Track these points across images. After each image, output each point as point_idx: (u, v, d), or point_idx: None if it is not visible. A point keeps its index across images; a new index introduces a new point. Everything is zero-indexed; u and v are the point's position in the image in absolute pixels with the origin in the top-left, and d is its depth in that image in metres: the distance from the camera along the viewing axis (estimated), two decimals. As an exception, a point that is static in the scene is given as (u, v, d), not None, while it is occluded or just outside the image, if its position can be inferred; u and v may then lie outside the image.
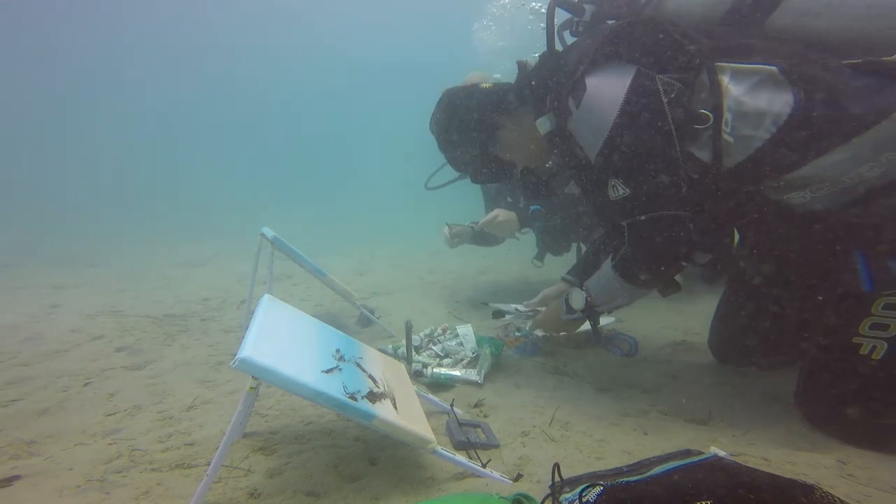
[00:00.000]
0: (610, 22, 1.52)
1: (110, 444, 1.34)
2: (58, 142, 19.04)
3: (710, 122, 1.28)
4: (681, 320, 2.51)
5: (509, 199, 3.32)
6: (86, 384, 1.79)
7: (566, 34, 1.69)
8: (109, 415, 1.53)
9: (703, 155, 1.33)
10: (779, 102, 1.23)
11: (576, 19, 1.62)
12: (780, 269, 1.58)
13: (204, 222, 8.86)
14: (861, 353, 1.28)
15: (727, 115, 1.27)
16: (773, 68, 1.24)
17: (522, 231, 2.90)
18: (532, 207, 2.87)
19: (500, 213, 2.75)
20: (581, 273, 2.12)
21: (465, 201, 3.50)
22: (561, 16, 1.62)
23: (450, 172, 3.39)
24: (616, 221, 1.48)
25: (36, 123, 19.56)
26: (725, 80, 1.29)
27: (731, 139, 1.29)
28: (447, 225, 3.07)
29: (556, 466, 1.00)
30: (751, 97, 1.26)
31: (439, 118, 1.80)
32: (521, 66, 1.70)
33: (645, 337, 2.22)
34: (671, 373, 1.86)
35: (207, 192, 14.22)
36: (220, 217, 9.45)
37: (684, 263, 1.49)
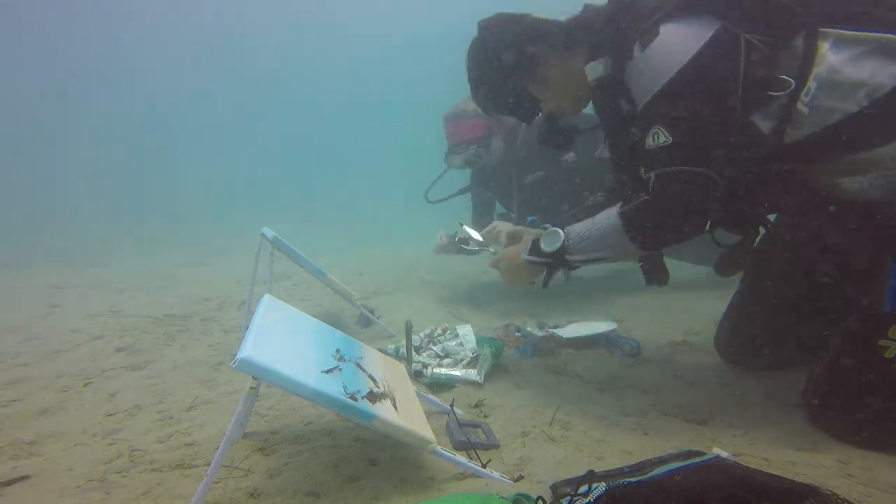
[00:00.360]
0: None
1: (110, 444, 1.34)
2: (58, 141, 19.03)
3: (790, 90, 1.19)
4: (681, 320, 2.50)
5: (501, 211, 3.32)
6: (86, 384, 1.79)
7: None
8: (109, 415, 1.53)
9: (765, 125, 1.25)
10: (884, 74, 1.14)
11: None
12: (811, 263, 1.50)
13: (204, 222, 8.86)
14: (886, 356, 1.24)
15: (811, 84, 1.18)
16: (893, 36, 1.14)
17: None
18: (529, 218, 2.87)
19: (498, 225, 2.72)
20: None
21: (463, 207, 3.48)
22: None
23: (451, 186, 3.39)
24: (643, 172, 1.37)
25: (35, 122, 19.56)
26: (825, 46, 1.19)
27: (805, 110, 1.20)
28: (442, 232, 3.04)
29: (591, 473, 0.91)
30: (851, 66, 1.16)
31: (476, 45, 1.67)
32: (588, 7, 1.57)
33: (645, 337, 2.22)
34: (671, 373, 1.86)
35: (208, 191, 14.22)
36: (220, 217, 9.45)
37: (695, 232, 1.37)
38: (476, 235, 2.38)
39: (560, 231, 1.56)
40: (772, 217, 1.63)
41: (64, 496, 1.09)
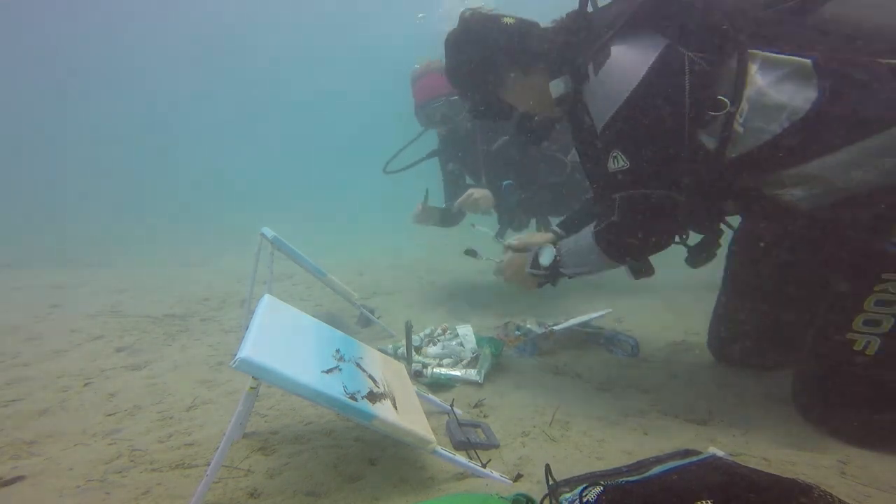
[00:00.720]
0: None
1: (110, 444, 1.34)
2: (58, 141, 19.03)
3: (726, 110, 1.26)
4: (681, 320, 2.51)
5: (470, 182, 3.21)
6: (86, 384, 1.79)
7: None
8: (109, 415, 1.53)
9: (710, 143, 1.31)
10: (800, 97, 1.20)
11: None
12: (783, 257, 1.57)
13: (204, 222, 8.86)
14: (855, 349, 1.28)
15: (744, 106, 1.25)
16: (807, 61, 1.20)
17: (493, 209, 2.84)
18: (505, 182, 2.79)
19: (475, 191, 2.69)
20: (569, 228, 2.11)
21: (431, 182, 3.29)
22: None
23: (410, 156, 3.29)
24: (608, 193, 1.47)
25: (36, 122, 19.56)
26: (754, 68, 1.26)
27: (741, 129, 1.27)
28: (421, 203, 2.97)
29: (548, 468, 1.01)
30: (774, 89, 1.23)
31: (454, 41, 1.74)
32: (568, 16, 1.61)
33: (645, 337, 2.22)
34: (671, 373, 1.86)
35: (208, 191, 14.22)
36: (220, 217, 9.45)
37: (664, 245, 1.50)
38: (479, 251, 2.41)
39: (552, 248, 1.76)
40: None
41: (64, 496, 1.09)
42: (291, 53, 20.62)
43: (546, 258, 1.76)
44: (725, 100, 1.26)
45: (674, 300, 2.91)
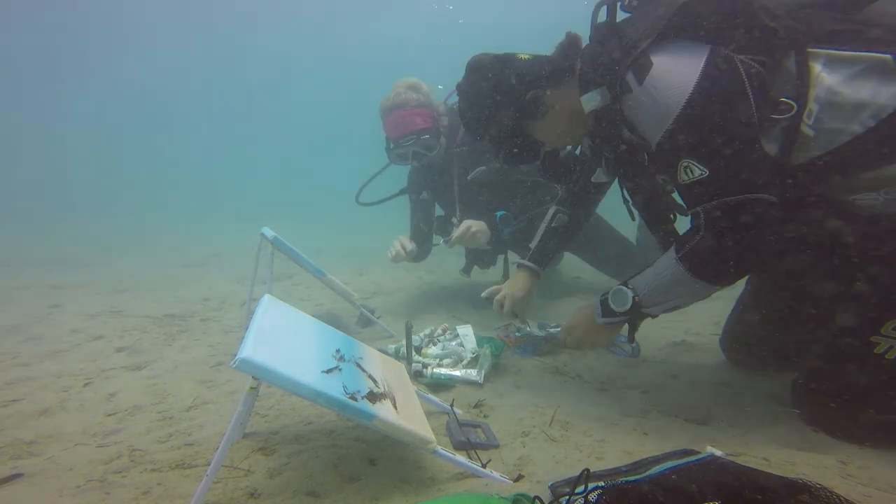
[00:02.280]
0: None
1: (110, 444, 1.34)
2: (58, 141, 19.04)
3: (792, 113, 1.18)
4: (681, 320, 2.50)
5: (440, 213, 3.03)
6: (86, 384, 1.79)
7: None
8: (109, 415, 1.53)
9: (770, 148, 1.23)
10: (886, 94, 1.13)
11: None
12: (831, 276, 1.45)
13: (204, 222, 8.86)
14: (876, 352, 1.26)
15: (813, 106, 1.18)
16: (888, 56, 1.13)
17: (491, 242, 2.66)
18: (499, 213, 2.64)
19: (473, 224, 2.51)
20: (538, 259, 2.04)
21: (401, 213, 3.20)
22: None
23: (387, 189, 3.06)
24: (686, 208, 1.34)
25: (36, 122, 19.57)
26: (818, 67, 1.19)
27: (811, 132, 1.19)
28: (400, 239, 2.76)
29: (586, 472, 0.90)
30: (850, 87, 1.16)
31: (470, 88, 1.63)
32: (572, 38, 1.55)
33: (645, 337, 2.21)
34: (671, 373, 1.86)
35: (208, 191, 14.23)
36: (220, 217, 9.46)
37: (767, 257, 1.32)
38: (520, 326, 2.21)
39: (626, 289, 1.51)
40: None
41: (64, 496, 1.09)
42: (292, 53, 20.62)
43: (621, 302, 1.52)
44: (790, 101, 1.19)
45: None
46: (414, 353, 1.90)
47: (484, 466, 1.16)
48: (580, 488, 0.90)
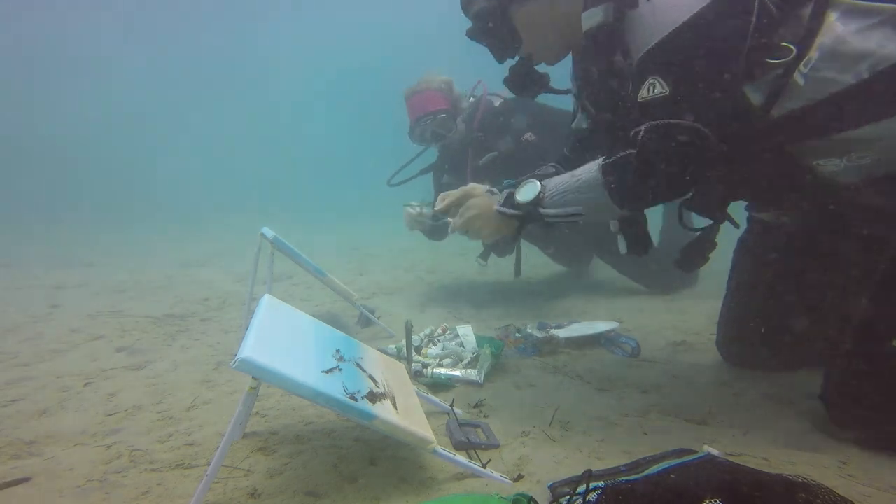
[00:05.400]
0: None
1: (110, 444, 1.34)
2: (58, 141, 19.02)
3: (790, 58, 1.14)
4: (681, 320, 2.51)
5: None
6: (86, 384, 1.79)
7: None
8: (109, 415, 1.53)
9: (756, 97, 1.20)
10: (893, 45, 1.09)
11: None
12: (808, 244, 1.43)
13: (204, 222, 8.86)
14: None
15: (814, 54, 1.14)
16: None
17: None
18: (506, 181, 2.74)
19: (475, 189, 2.61)
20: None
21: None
22: None
23: (413, 169, 3.30)
24: (632, 126, 1.28)
25: (36, 122, 19.56)
26: (833, 15, 1.15)
27: (801, 81, 1.16)
28: (416, 205, 2.79)
29: (589, 472, 0.90)
30: (859, 37, 1.12)
31: None
32: None
33: (645, 337, 2.22)
34: (671, 373, 1.86)
35: (208, 191, 14.23)
36: (220, 217, 9.45)
37: (678, 193, 1.32)
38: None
39: (537, 182, 1.46)
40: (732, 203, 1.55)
41: (64, 496, 1.09)
42: (292, 52, 20.62)
43: (526, 193, 1.46)
44: (791, 46, 1.14)
45: (674, 300, 2.91)
46: (414, 353, 1.90)
47: (484, 466, 1.16)
48: (581, 488, 0.90)
